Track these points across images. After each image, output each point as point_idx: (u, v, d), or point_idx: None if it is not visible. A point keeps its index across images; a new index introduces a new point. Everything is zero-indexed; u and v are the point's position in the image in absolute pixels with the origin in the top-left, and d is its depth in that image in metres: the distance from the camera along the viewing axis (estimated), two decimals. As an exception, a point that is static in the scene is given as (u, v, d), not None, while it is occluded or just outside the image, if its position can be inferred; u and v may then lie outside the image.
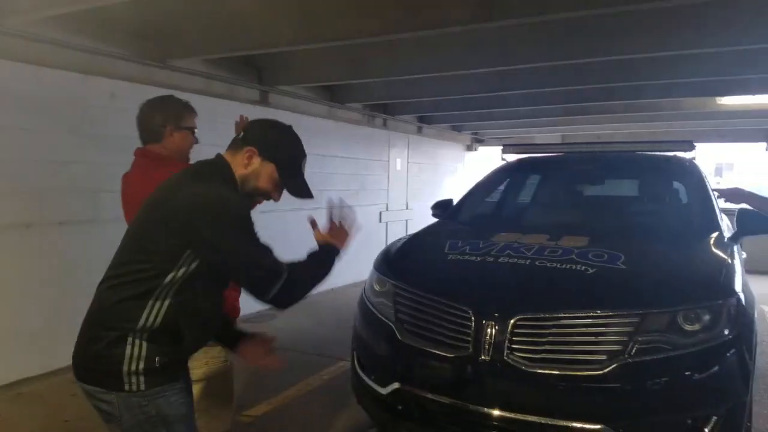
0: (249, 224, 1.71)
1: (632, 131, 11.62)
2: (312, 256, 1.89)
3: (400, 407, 2.89)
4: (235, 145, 1.85)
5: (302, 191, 1.94)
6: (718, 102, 7.97)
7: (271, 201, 1.96)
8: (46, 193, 4.50)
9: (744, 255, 4.66)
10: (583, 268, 2.85)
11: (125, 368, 1.63)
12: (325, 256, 1.90)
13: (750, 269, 2.87)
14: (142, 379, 1.64)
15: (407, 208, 10.37)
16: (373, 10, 3.96)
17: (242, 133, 1.86)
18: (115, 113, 4.91)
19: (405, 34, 4.00)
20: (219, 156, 1.86)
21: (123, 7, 3.61)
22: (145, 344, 1.64)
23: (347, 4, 4.02)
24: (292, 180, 1.92)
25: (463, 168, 12.80)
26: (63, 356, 4.59)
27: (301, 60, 5.87)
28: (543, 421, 2.52)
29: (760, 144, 11.88)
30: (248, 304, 2.55)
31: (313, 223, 1.98)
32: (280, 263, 1.71)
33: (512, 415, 2.57)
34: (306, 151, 1.97)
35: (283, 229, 4.86)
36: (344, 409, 3.86)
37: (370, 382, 3.05)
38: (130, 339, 1.63)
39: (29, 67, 4.29)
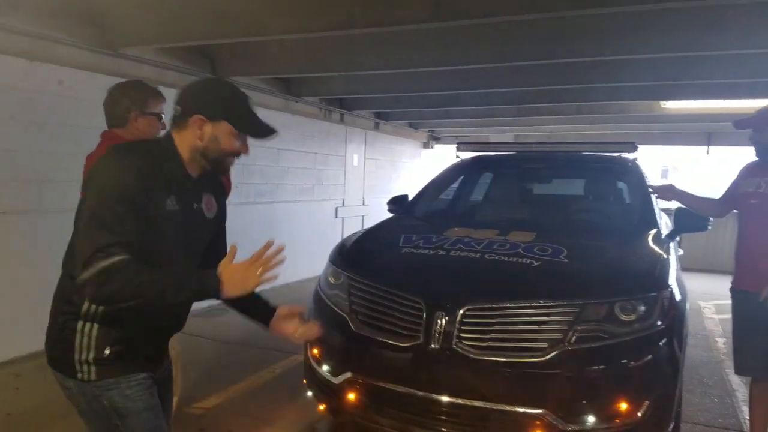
0: (120, 196, 1.55)
1: (583, 132, 11.97)
2: (181, 274, 1.63)
3: (351, 396, 2.95)
4: (179, 121, 1.74)
5: (264, 131, 1.83)
6: (662, 106, 8.33)
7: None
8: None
9: (681, 252, 4.91)
10: (529, 261, 2.98)
11: (76, 356, 1.64)
12: (194, 284, 1.59)
13: (689, 267, 3.08)
14: (93, 369, 1.65)
15: (364, 204, 10.44)
16: (328, 5, 4.00)
17: (178, 108, 1.74)
18: (63, 101, 4.81)
19: (360, 31, 4.04)
20: (168, 134, 1.77)
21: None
22: (94, 332, 1.63)
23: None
24: (251, 126, 1.81)
25: (420, 165, 12.95)
26: (7, 348, 4.51)
27: (257, 51, 5.85)
28: (489, 406, 2.63)
29: (702, 147, 12.46)
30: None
31: (233, 252, 1.65)
32: (112, 254, 1.49)
33: (460, 401, 2.66)
34: (261, 144, 1.96)
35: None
36: (296, 400, 3.89)
37: (323, 372, 3.10)
38: (79, 326, 1.64)
39: (-30, 52, 4.17)
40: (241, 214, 6.91)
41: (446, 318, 2.71)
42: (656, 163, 26.17)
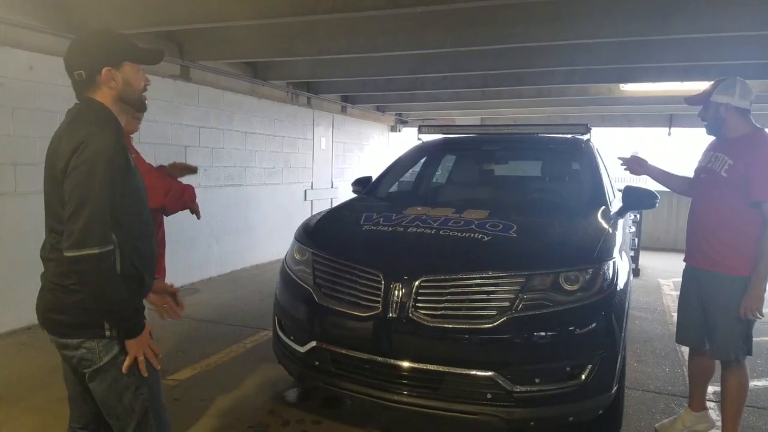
0: (113, 172, 1.73)
1: (547, 115, 12.27)
2: (129, 296, 1.85)
3: (316, 363, 3.14)
4: (87, 83, 1.85)
5: (157, 54, 1.99)
6: (621, 88, 8.62)
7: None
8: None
9: (632, 228, 5.19)
10: (480, 236, 3.19)
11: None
12: (129, 310, 1.84)
13: (653, 246, 3.19)
14: None
15: (332, 187, 10.58)
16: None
17: (80, 73, 1.84)
18: (34, 85, 4.86)
19: (323, 16, 4.18)
20: (84, 97, 1.88)
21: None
22: None
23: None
24: (147, 55, 1.95)
25: (388, 148, 13.11)
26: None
27: (223, 36, 5.93)
28: (443, 370, 2.84)
29: (664, 129, 12.88)
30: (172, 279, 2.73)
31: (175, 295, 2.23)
32: (105, 235, 1.72)
33: (416, 365, 2.87)
34: (229, 128, 2.17)
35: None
36: (265, 371, 4.09)
37: (290, 342, 3.29)
38: None
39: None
40: (211, 197, 7.02)
41: (403, 289, 2.90)
42: (625, 145, 26.68)
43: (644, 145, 29.34)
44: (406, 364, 2.90)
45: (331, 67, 7.25)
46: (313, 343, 3.14)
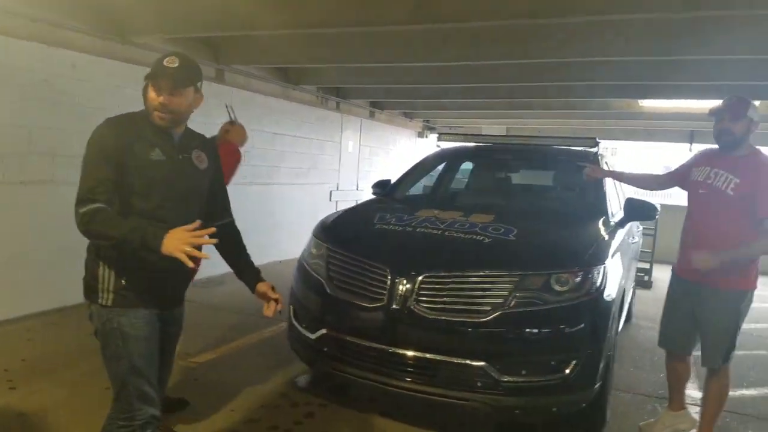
0: (99, 149, 2.04)
1: (572, 127, 12.40)
2: (140, 224, 2.01)
3: (325, 349, 3.43)
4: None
5: (157, 72, 2.15)
6: (640, 104, 8.75)
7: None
8: (8, 155, 4.85)
9: (635, 239, 5.36)
10: (482, 238, 3.44)
11: (99, 285, 2.12)
12: (146, 234, 1.94)
13: (666, 260, 3.28)
14: (111, 296, 2.13)
15: (357, 189, 10.88)
16: (317, 3, 4.44)
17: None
18: (75, 83, 5.26)
19: (347, 28, 4.48)
20: None
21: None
22: (107, 266, 2.12)
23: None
24: (150, 74, 2.16)
25: (414, 153, 13.37)
26: (20, 306, 5.01)
27: (256, 42, 6.28)
28: (439, 358, 3.10)
29: (685, 145, 12.89)
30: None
31: (195, 225, 2.06)
32: (96, 193, 1.98)
33: (415, 354, 3.13)
34: (259, 128, 2.49)
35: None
36: (280, 359, 4.38)
37: (302, 329, 3.58)
38: (100, 261, 2.12)
39: (-4, 38, 4.60)
40: (239, 194, 7.35)
41: (407, 283, 3.17)
42: (649, 159, 26.41)
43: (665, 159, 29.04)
44: (406, 352, 3.16)
45: (358, 75, 7.55)
46: (324, 331, 3.42)
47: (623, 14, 4.00)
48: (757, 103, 5.00)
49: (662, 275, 8.92)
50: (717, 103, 3.33)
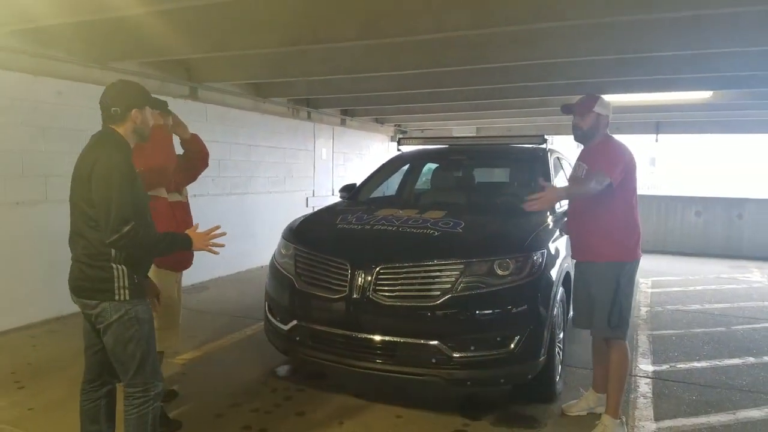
0: (124, 179, 2.42)
1: (537, 124, 12.83)
2: (168, 234, 2.76)
3: (297, 338, 3.83)
4: (118, 118, 2.54)
5: (162, 104, 2.81)
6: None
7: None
8: (3, 178, 5.22)
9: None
10: (431, 231, 3.86)
11: (116, 284, 2.51)
12: (175, 240, 2.72)
13: (643, 249, 3.54)
14: (127, 291, 2.53)
15: (333, 194, 11.22)
16: (280, 26, 4.85)
17: (116, 109, 2.53)
18: (62, 108, 5.63)
19: (308, 46, 4.88)
20: (109, 128, 2.57)
21: (68, 27, 4.39)
22: (124, 269, 2.51)
23: (259, 21, 4.88)
24: (158, 103, 2.76)
25: (387, 156, 13.73)
26: (22, 316, 5.34)
27: (227, 61, 6.66)
28: (397, 340, 3.51)
29: (651, 135, 13.45)
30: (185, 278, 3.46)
31: (214, 228, 2.76)
32: (129, 213, 2.40)
33: (375, 337, 3.55)
34: (234, 141, 3.01)
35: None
36: (261, 353, 4.75)
37: (276, 322, 3.99)
38: (114, 266, 2.50)
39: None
40: (218, 204, 7.74)
41: (365, 275, 3.58)
42: (644, 153, 27.00)
43: (658, 152, 29.69)
44: (368, 336, 3.57)
45: (326, 86, 7.92)
46: (294, 322, 3.83)
47: (557, 21, 4.32)
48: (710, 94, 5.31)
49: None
50: (687, 94, 3.55)
